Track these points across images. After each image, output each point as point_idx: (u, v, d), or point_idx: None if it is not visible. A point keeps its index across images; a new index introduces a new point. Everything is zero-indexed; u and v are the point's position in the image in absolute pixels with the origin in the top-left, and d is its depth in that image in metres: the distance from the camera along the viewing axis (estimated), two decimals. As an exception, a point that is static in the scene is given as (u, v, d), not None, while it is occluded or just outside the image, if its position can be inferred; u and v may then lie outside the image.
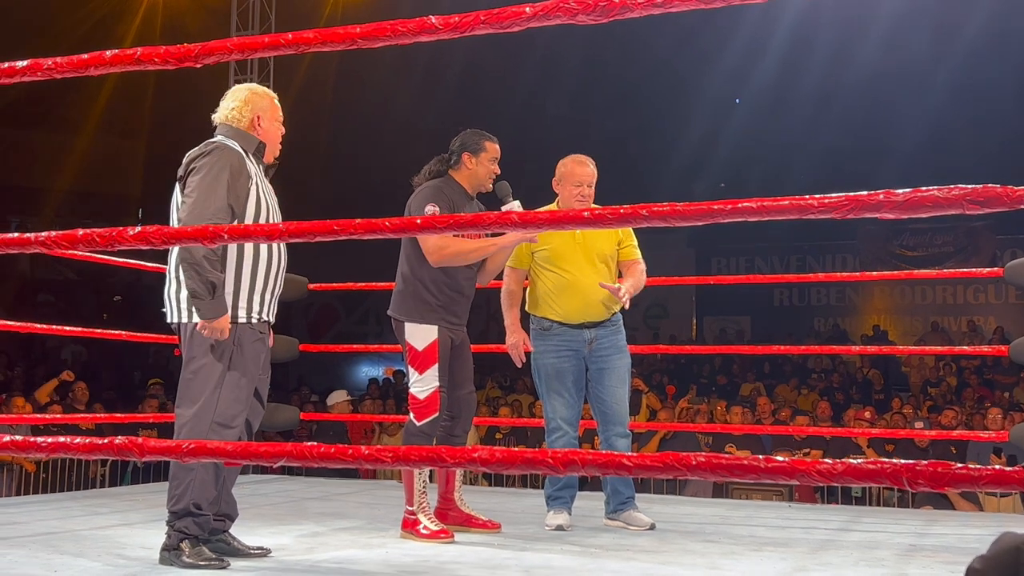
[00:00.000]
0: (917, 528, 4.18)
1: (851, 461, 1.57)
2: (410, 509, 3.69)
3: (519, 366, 4.14)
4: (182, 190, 3.16)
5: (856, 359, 13.36)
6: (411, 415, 3.73)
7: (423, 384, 3.71)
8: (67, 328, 5.65)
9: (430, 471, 3.86)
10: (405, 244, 3.84)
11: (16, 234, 2.17)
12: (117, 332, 5.91)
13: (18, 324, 5.26)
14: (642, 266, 4.15)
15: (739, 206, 1.82)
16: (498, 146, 3.89)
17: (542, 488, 4.22)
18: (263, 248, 3.20)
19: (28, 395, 8.49)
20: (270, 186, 3.32)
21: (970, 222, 15.50)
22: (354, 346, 9.89)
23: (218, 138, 3.24)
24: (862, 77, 14.19)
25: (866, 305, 17.25)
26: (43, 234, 2.13)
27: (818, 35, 13.14)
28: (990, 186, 1.64)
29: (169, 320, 3.22)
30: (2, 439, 2.06)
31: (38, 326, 5.33)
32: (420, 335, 3.74)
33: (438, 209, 3.69)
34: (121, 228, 2.08)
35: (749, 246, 17.23)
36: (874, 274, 7.72)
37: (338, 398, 8.85)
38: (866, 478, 1.55)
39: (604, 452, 1.75)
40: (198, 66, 2.09)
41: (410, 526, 3.67)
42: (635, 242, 4.17)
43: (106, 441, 1.98)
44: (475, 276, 3.92)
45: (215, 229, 2.08)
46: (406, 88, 15.21)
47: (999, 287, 15.97)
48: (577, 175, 4.05)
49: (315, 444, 1.87)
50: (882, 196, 1.70)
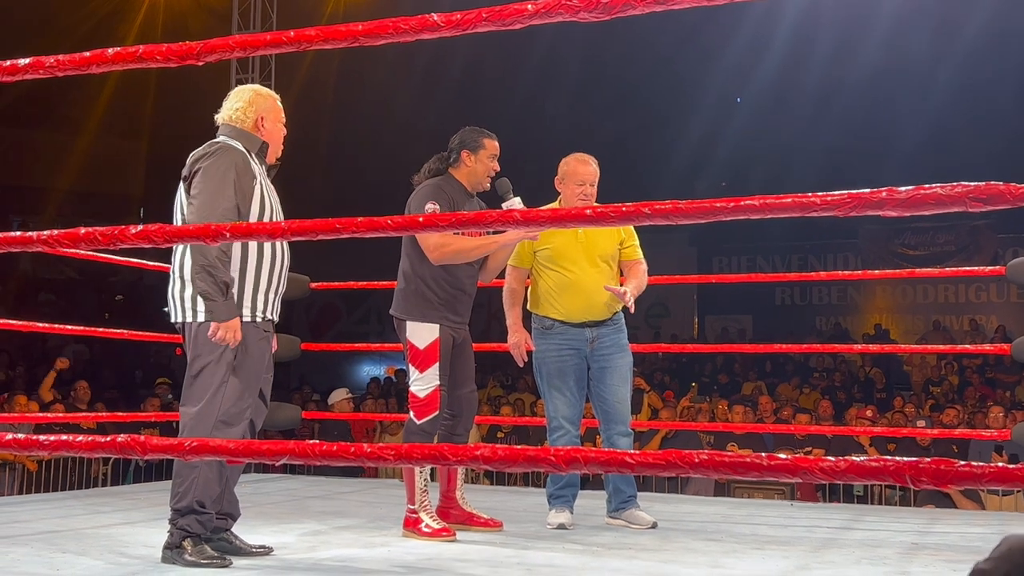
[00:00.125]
0: (919, 527, 4.18)
1: (854, 458, 1.57)
2: (412, 508, 3.68)
3: (521, 365, 4.13)
4: (187, 190, 3.15)
5: (858, 358, 13.35)
6: (411, 413, 3.73)
7: (423, 382, 3.71)
8: (69, 327, 5.67)
9: (431, 470, 3.86)
10: (406, 243, 3.84)
11: (18, 233, 2.17)
12: (119, 331, 5.91)
13: (20, 323, 5.26)
14: (644, 266, 4.15)
15: (741, 204, 1.82)
16: (497, 143, 3.88)
17: (544, 487, 4.22)
18: (266, 247, 3.20)
19: (30, 394, 8.50)
20: (272, 186, 3.32)
21: (972, 221, 15.48)
22: (356, 345, 9.92)
23: (221, 138, 3.24)
24: (863, 76, 14.17)
25: (868, 304, 17.24)
26: (45, 233, 2.13)
27: (819, 34, 13.13)
28: (993, 183, 1.63)
29: (173, 320, 3.22)
30: (4, 437, 2.06)
31: (40, 325, 5.34)
32: (421, 333, 3.73)
33: (438, 207, 3.68)
34: (123, 227, 2.08)
35: (750, 245, 17.22)
36: (876, 273, 7.73)
37: (339, 396, 8.85)
38: (869, 475, 1.55)
39: (606, 450, 1.75)
40: (200, 64, 2.08)
41: (412, 524, 3.67)
42: (637, 242, 4.16)
43: (108, 439, 1.98)
44: (476, 274, 3.91)
45: (218, 227, 2.07)
46: (406, 88, 15.20)
47: (1001, 286, 15.95)
48: (580, 174, 4.05)
49: (317, 442, 1.86)
50: (885, 194, 1.70)
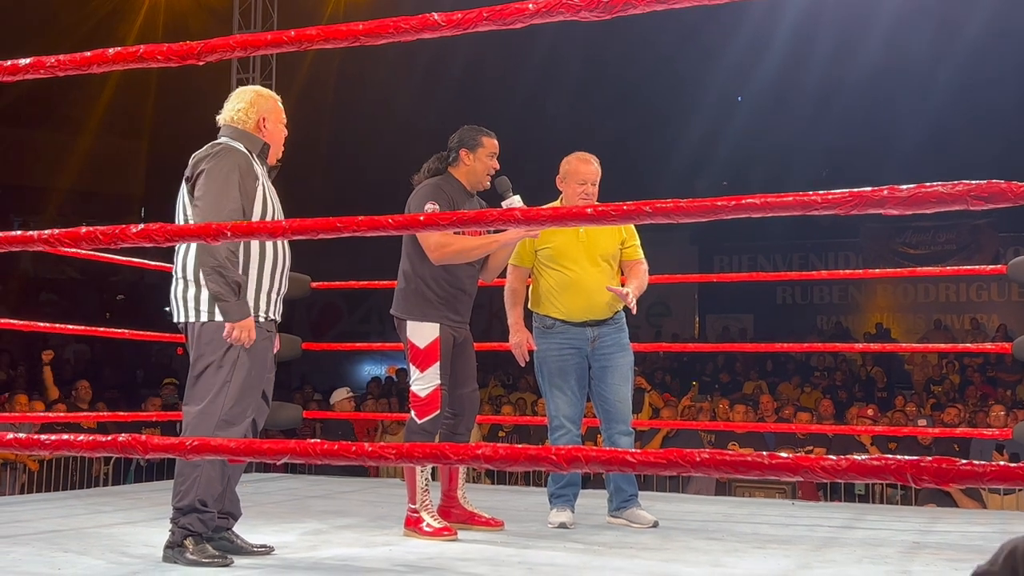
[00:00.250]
0: (920, 525, 4.18)
1: (855, 457, 1.57)
2: (413, 507, 3.68)
3: (523, 364, 4.13)
4: (190, 192, 3.15)
5: (859, 357, 13.34)
6: (412, 413, 3.72)
7: (424, 382, 3.71)
8: (70, 327, 5.67)
9: (432, 469, 3.86)
10: (406, 242, 3.83)
11: (19, 232, 2.17)
12: (120, 331, 5.91)
13: (21, 323, 5.27)
14: (645, 266, 4.15)
15: (742, 202, 1.82)
16: (496, 141, 3.87)
17: (545, 486, 4.22)
18: (268, 247, 3.20)
19: (32, 394, 8.50)
20: (273, 188, 3.32)
21: (973, 219, 15.48)
22: (357, 344, 9.92)
23: (223, 139, 3.24)
24: (864, 76, 14.16)
25: (869, 303, 17.23)
26: (46, 232, 2.13)
27: (820, 33, 13.12)
28: (994, 181, 1.63)
29: (176, 320, 3.21)
30: (5, 437, 2.06)
31: (41, 325, 5.34)
32: (422, 333, 3.73)
33: (438, 207, 3.68)
34: (124, 226, 2.08)
35: (751, 244, 17.21)
36: (877, 271, 7.72)
37: (340, 396, 8.85)
38: (870, 474, 1.55)
39: (607, 449, 1.75)
40: (200, 64, 2.08)
41: (413, 524, 3.67)
42: (638, 242, 4.16)
43: (109, 439, 1.98)
44: (477, 273, 3.91)
45: (219, 226, 2.07)
46: (407, 88, 15.20)
47: (1002, 285, 15.95)
48: (581, 173, 4.05)
49: (318, 441, 1.86)
50: (886, 192, 1.70)
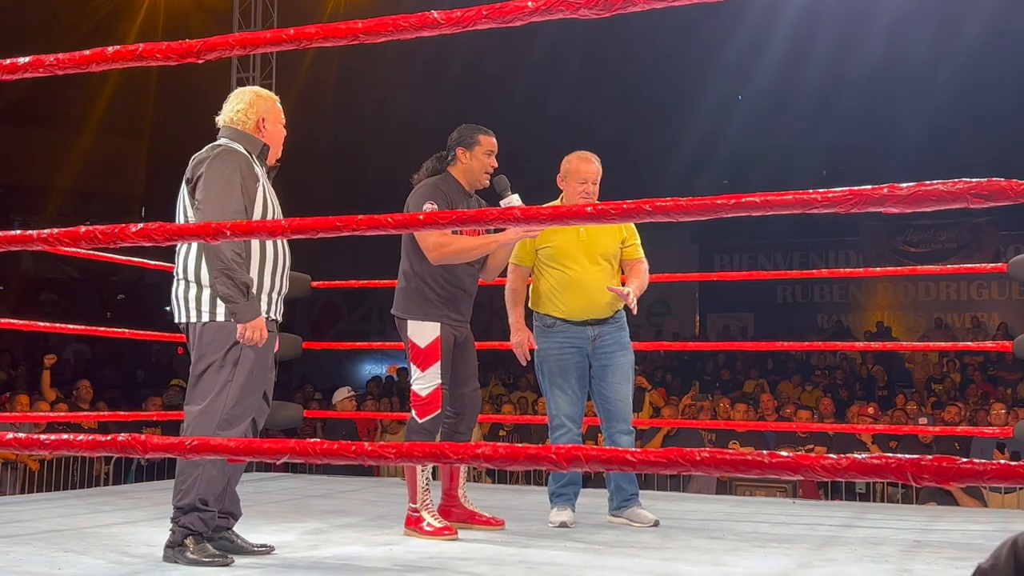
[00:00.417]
0: (921, 524, 4.17)
1: (856, 456, 1.57)
2: (413, 506, 3.68)
3: (524, 363, 4.13)
4: (190, 193, 3.15)
5: (859, 355, 13.34)
6: (413, 412, 3.72)
7: (425, 381, 3.70)
8: (70, 327, 5.67)
9: (433, 468, 3.86)
10: (406, 241, 3.83)
11: (18, 232, 2.16)
12: (120, 330, 5.91)
13: (21, 322, 5.27)
14: (645, 265, 4.14)
15: (742, 201, 1.81)
16: (494, 139, 3.86)
17: (546, 485, 4.22)
18: (268, 248, 3.20)
19: (32, 394, 8.50)
20: (272, 188, 3.32)
21: (973, 218, 15.49)
22: (357, 344, 9.90)
23: (223, 141, 3.24)
24: (864, 75, 14.15)
25: (869, 301, 17.23)
26: (45, 231, 2.13)
27: (820, 32, 13.11)
28: (994, 180, 1.63)
29: (177, 320, 3.21)
30: (5, 437, 2.06)
31: (41, 325, 5.34)
32: (422, 332, 3.73)
33: (436, 207, 3.68)
34: (123, 225, 2.08)
35: (752, 243, 17.21)
36: (877, 270, 7.72)
37: (341, 395, 8.85)
38: (870, 473, 1.55)
39: (608, 448, 1.75)
40: (200, 62, 2.08)
41: (413, 523, 3.67)
42: (639, 241, 4.15)
43: (109, 438, 1.97)
44: (477, 272, 3.91)
45: (218, 226, 2.07)
46: (407, 87, 15.20)
47: (1003, 283, 15.95)
48: (582, 172, 4.04)
49: (318, 441, 1.86)
50: (886, 190, 1.69)
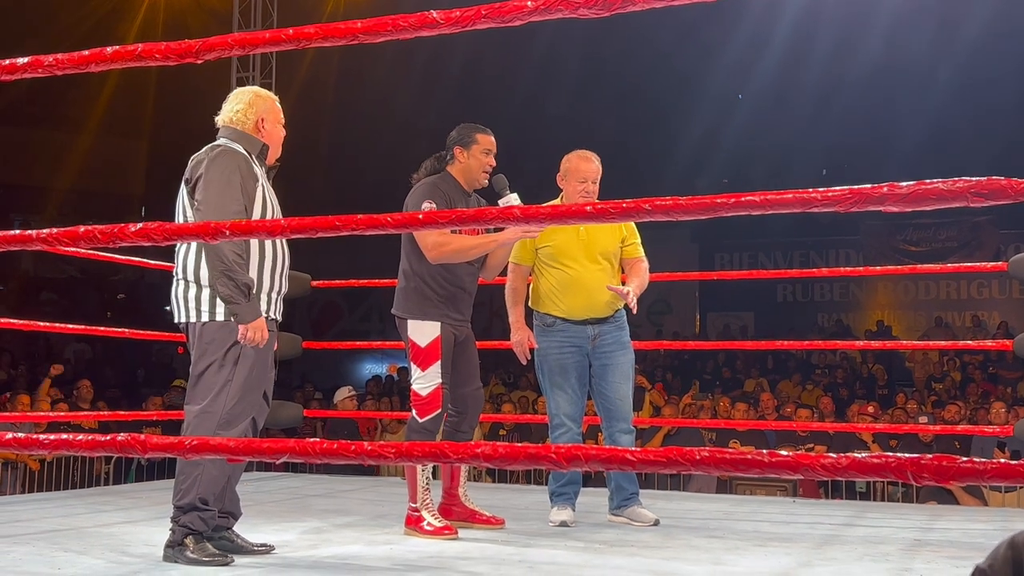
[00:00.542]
0: (921, 523, 4.17)
1: (855, 455, 1.57)
2: (413, 506, 3.68)
3: (524, 363, 4.13)
4: (190, 194, 3.15)
5: (859, 354, 13.34)
6: (413, 412, 3.72)
7: (425, 381, 3.70)
8: (71, 326, 5.67)
9: (433, 467, 3.86)
10: (405, 241, 3.83)
11: (18, 231, 2.16)
12: (120, 330, 5.91)
13: (22, 322, 5.27)
14: (646, 264, 4.14)
15: (742, 200, 1.81)
16: (492, 138, 3.85)
17: (546, 484, 4.22)
18: (267, 247, 3.20)
19: (32, 393, 8.50)
20: (272, 188, 3.32)
21: (973, 217, 15.49)
22: (357, 343, 9.92)
23: (222, 141, 3.23)
24: (864, 74, 14.15)
25: (869, 300, 17.23)
26: (44, 231, 2.13)
27: (820, 31, 13.11)
28: (994, 178, 1.63)
29: (177, 320, 3.22)
30: (4, 436, 2.06)
31: (42, 324, 5.34)
32: (422, 332, 3.73)
33: (434, 206, 3.68)
34: (122, 224, 2.08)
35: (752, 242, 17.21)
36: (877, 269, 7.71)
37: (342, 395, 8.85)
38: (870, 472, 1.55)
39: (608, 447, 1.75)
40: (199, 62, 2.08)
41: (414, 523, 3.67)
42: (639, 240, 4.15)
43: (108, 438, 1.97)
44: (477, 272, 3.91)
45: (217, 225, 2.07)
46: (406, 86, 15.19)
47: (1003, 282, 15.95)
48: (581, 171, 4.04)
49: (318, 440, 1.86)
50: (886, 189, 1.69)
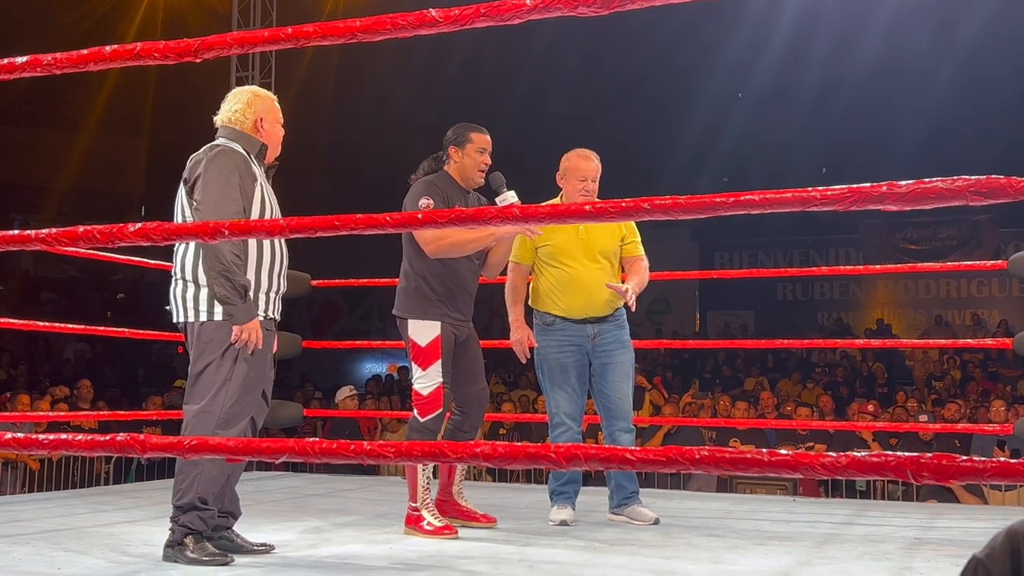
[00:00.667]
0: (922, 522, 4.17)
1: (855, 454, 1.57)
2: (413, 505, 3.68)
3: (523, 362, 4.13)
4: (188, 194, 3.15)
5: (859, 353, 13.34)
6: (415, 411, 3.72)
7: (426, 380, 3.70)
8: (71, 326, 5.67)
9: (434, 467, 3.85)
10: (406, 241, 3.83)
11: (17, 231, 2.16)
12: (120, 330, 5.91)
13: (22, 322, 5.27)
14: (645, 263, 4.14)
15: (741, 199, 1.81)
16: (486, 136, 3.85)
17: (546, 483, 4.22)
18: (266, 247, 3.20)
19: (32, 393, 8.50)
20: (271, 188, 3.31)
21: (973, 215, 15.48)
22: (357, 342, 9.92)
23: (221, 141, 3.23)
24: (864, 73, 14.14)
25: (869, 299, 17.23)
26: (43, 231, 2.13)
27: (820, 30, 13.10)
28: (994, 177, 1.63)
29: (175, 320, 3.22)
30: (3, 436, 2.06)
31: (42, 324, 5.34)
32: (423, 331, 3.72)
33: (432, 202, 3.68)
34: (121, 224, 2.08)
35: (752, 240, 17.21)
36: (877, 267, 7.70)
37: (343, 394, 8.85)
38: (870, 471, 1.55)
39: (607, 447, 1.75)
40: (198, 61, 2.08)
41: (414, 522, 3.67)
42: (639, 238, 4.15)
43: (108, 438, 1.97)
44: (478, 271, 3.90)
45: (216, 225, 2.07)
46: (406, 85, 15.19)
47: (1003, 280, 15.95)
48: (581, 170, 4.04)
49: (317, 440, 1.86)
50: (885, 188, 1.69)
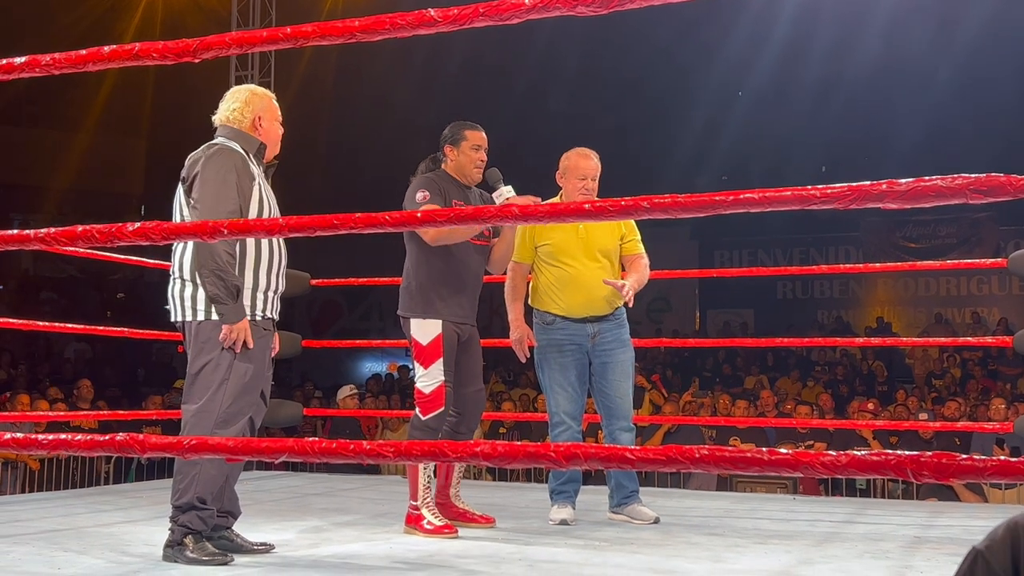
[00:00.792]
0: (922, 520, 4.17)
1: (855, 453, 1.57)
2: (414, 504, 3.68)
3: (523, 361, 4.13)
4: (186, 193, 3.15)
5: (859, 351, 13.33)
6: (416, 410, 3.72)
7: (428, 378, 3.70)
8: (70, 326, 5.67)
9: (434, 466, 3.85)
10: (408, 240, 3.83)
11: (16, 231, 2.16)
12: (120, 329, 5.91)
13: (21, 322, 5.27)
14: (645, 261, 4.14)
15: (741, 197, 1.81)
16: (481, 134, 3.85)
17: (546, 482, 4.22)
18: (264, 246, 3.20)
19: (32, 393, 8.50)
20: (269, 187, 3.31)
21: (973, 213, 15.47)
22: (357, 342, 9.91)
23: (219, 140, 3.23)
24: (863, 72, 14.14)
25: (869, 297, 17.23)
26: (42, 231, 2.12)
27: (819, 28, 13.09)
28: (993, 175, 1.63)
29: (173, 319, 3.22)
30: (3, 436, 2.06)
31: (41, 324, 5.34)
32: (424, 330, 3.72)
33: (428, 194, 3.69)
34: (120, 224, 2.07)
35: (752, 239, 17.21)
36: (877, 265, 7.69)
37: (344, 393, 8.85)
38: (870, 470, 1.54)
39: (607, 446, 1.75)
40: (196, 61, 2.08)
41: (414, 521, 3.67)
42: (638, 237, 4.15)
43: (107, 438, 1.97)
44: (481, 270, 3.90)
45: (215, 224, 2.07)
46: (405, 84, 15.19)
47: (1003, 278, 15.95)
48: (581, 168, 4.04)
49: (316, 440, 1.86)
50: (885, 186, 1.69)
